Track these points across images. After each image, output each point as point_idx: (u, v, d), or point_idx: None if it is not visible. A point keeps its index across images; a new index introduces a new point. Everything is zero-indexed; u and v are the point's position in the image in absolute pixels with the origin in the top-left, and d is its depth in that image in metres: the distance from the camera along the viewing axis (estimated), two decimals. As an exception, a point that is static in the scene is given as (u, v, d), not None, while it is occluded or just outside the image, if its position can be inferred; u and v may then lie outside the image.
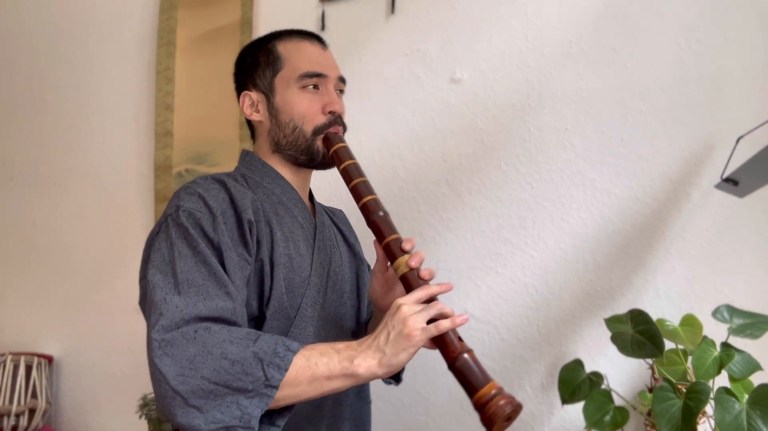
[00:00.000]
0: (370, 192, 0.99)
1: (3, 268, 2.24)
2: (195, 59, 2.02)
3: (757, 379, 1.14)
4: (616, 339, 1.23)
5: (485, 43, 1.68)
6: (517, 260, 1.61)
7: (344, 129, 1.09)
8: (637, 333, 1.20)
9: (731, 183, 1.18)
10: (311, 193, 1.16)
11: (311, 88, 1.06)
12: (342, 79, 1.11)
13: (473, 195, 1.66)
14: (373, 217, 0.97)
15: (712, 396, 1.08)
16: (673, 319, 1.28)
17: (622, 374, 1.47)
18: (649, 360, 1.34)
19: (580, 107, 1.58)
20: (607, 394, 1.30)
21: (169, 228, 0.90)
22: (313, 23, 1.86)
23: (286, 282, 0.97)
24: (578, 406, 1.33)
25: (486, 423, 0.80)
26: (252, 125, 1.12)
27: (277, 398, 0.81)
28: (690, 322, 1.25)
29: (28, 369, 1.99)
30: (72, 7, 2.23)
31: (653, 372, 1.35)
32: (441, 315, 0.85)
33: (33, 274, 2.18)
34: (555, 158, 1.59)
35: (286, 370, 0.81)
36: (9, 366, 1.97)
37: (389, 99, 1.76)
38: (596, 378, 1.35)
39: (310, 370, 0.82)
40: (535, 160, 1.61)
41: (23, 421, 1.93)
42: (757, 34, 1.45)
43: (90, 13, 2.21)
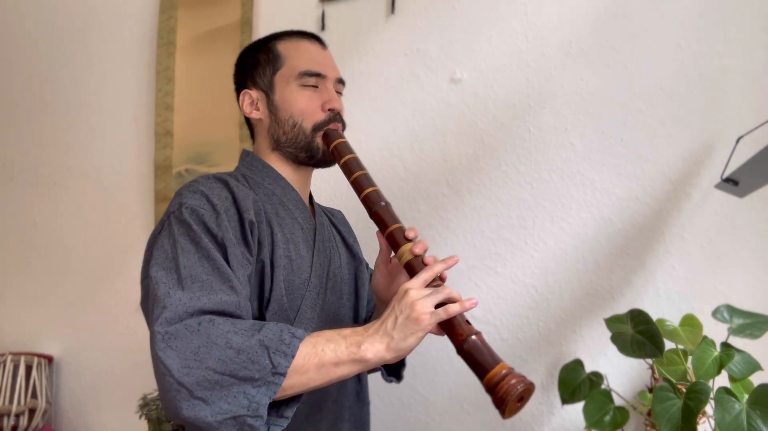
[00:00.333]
0: (371, 184, 0.99)
1: (3, 268, 2.24)
2: (195, 59, 2.02)
3: (757, 379, 1.14)
4: (616, 339, 1.23)
5: (485, 43, 1.68)
6: (517, 260, 1.61)
7: (343, 126, 1.09)
8: (637, 333, 1.20)
9: (731, 183, 1.18)
10: (311, 194, 1.16)
11: (310, 86, 1.06)
12: (341, 81, 1.11)
13: (473, 195, 1.66)
14: (375, 208, 0.96)
15: (712, 396, 1.08)
16: (673, 319, 1.28)
17: (622, 374, 1.47)
18: (649, 360, 1.34)
19: (580, 107, 1.58)
20: (607, 394, 1.30)
21: (171, 226, 0.90)
22: (313, 23, 1.86)
23: (286, 284, 0.97)
24: (578, 406, 1.33)
25: (498, 404, 0.78)
26: (251, 124, 1.12)
27: (284, 386, 0.80)
28: (690, 322, 1.25)
29: (28, 369, 1.99)
30: (72, 7, 2.23)
31: (653, 372, 1.35)
32: (449, 300, 0.84)
33: (33, 274, 2.18)
34: (555, 158, 1.59)
35: (293, 357, 0.79)
36: (9, 366, 1.97)
37: (389, 99, 1.76)
38: (596, 378, 1.35)
39: (318, 357, 0.81)
40: (535, 160, 1.61)
41: (23, 421, 1.93)
42: (758, 34, 1.45)
43: (90, 13, 2.21)
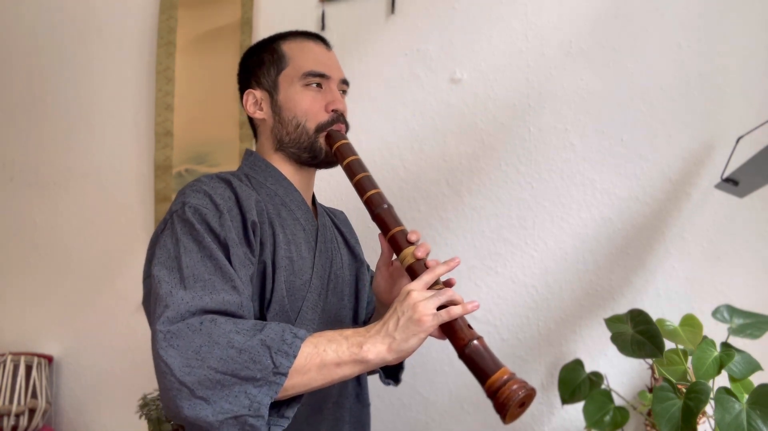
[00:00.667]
0: (374, 186, 0.99)
1: (3, 268, 2.24)
2: (195, 59, 2.02)
3: (757, 379, 1.14)
4: (616, 339, 1.23)
5: (485, 43, 1.68)
6: (517, 260, 1.61)
7: (347, 127, 1.09)
8: (637, 333, 1.20)
9: (731, 183, 1.18)
10: (314, 195, 1.16)
11: (314, 86, 1.06)
12: (345, 81, 1.11)
13: (473, 195, 1.66)
14: (377, 210, 0.96)
15: (712, 396, 1.08)
16: (673, 319, 1.28)
17: (622, 374, 1.47)
18: (649, 360, 1.34)
19: (580, 107, 1.58)
20: (607, 394, 1.30)
21: (174, 225, 0.90)
22: (313, 23, 1.86)
23: (287, 285, 0.97)
24: (578, 406, 1.33)
25: (499, 409, 0.77)
26: (255, 124, 1.12)
27: (286, 386, 0.79)
28: (690, 322, 1.25)
29: (28, 369, 1.99)
30: (72, 7, 2.23)
31: (653, 372, 1.35)
32: (451, 302, 0.84)
33: (33, 274, 2.18)
34: (555, 158, 1.59)
35: (294, 357, 0.79)
36: (9, 366, 1.97)
37: (389, 99, 1.76)
38: (596, 378, 1.35)
39: (319, 357, 0.81)
40: (535, 160, 1.61)
41: (23, 421, 1.93)
42: (757, 34, 1.45)
43: (90, 13, 2.21)
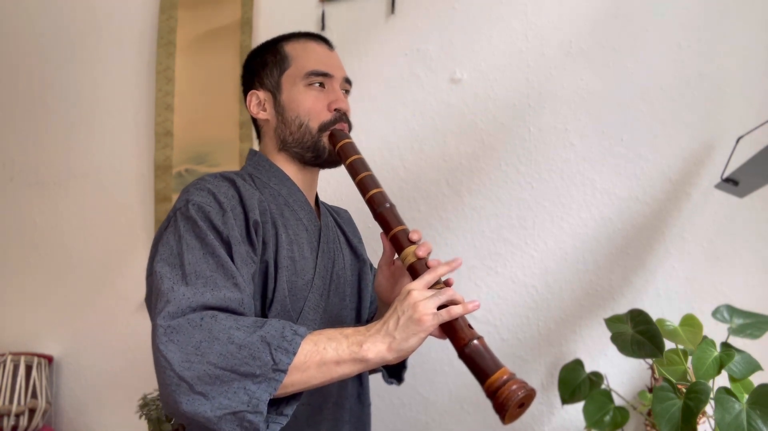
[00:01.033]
0: (376, 185, 0.99)
1: (3, 268, 2.24)
2: (195, 59, 2.02)
3: (757, 379, 1.14)
4: (616, 339, 1.23)
5: (485, 43, 1.68)
6: (517, 260, 1.61)
7: (350, 127, 1.09)
8: (637, 333, 1.20)
9: (731, 183, 1.18)
10: (317, 195, 1.16)
11: (317, 86, 1.06)
12: (348, 80, 1.12)
13: (473, 195, 1.66)
14: (379, 209, 0.96)
15: (712, 396, 1.08)
16: (673, 319, 1.28)
17: (622, 374, 1.47)
18: (649, 360, 1.34)
19: (580, 107, 1.58)
20: (607, 394, 1.30)
21: (177, 222, 0.90)
22: (313, 23, 1.86)
23: (289, 285, 0.97)
24: (578, 406, 1.33)
25: (498, 409, 0.77)
26: (258, 124, 1.12)
27: (285, 383, 0.79)
28: (690, 322, 1.25)
29: (28, 369, 1.99)
30: (72, 7, 2.23)
31: (653, 372, 1.35)
32: (452, 302, 0.84)
33: (33, 274, 2.18)
34: (555, 158, 1.59)
35: (294, 354, 0.79)
36: (9, 366, 1.97)
37: (389, 99, 1.76)
38: (596, 378, 1.35)
39: (319, 355, 0.81)
40: (535, 160, 1.61)
41: (23, 421, 1.93)
42: (757, 33, 1.45)
43: (90, 13, 2.21)
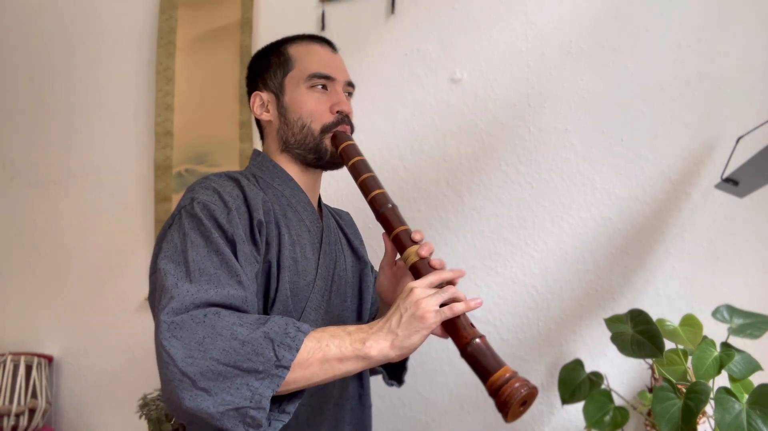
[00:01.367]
0: (379, 186, 0.99)
1: (3, 268, 2.24)
2: (195, 59, 2.02)
3: (757, 379, 1.14)
4: (616, 339, 1.23)
5: (485, 43, 1.68)
6: (517, 260, 1.61)
7: (352, 129, 1.09)
8: (637, 333, 1.20)
9: (731, 183, 1.18)
10: (320, 196, 1.16)
11: (320, 88, 1.07)
12: (350, 83, 1.12)
13: (473, 195, 1.66)
14: (381, 210, 0.97)
15: (712, 396, 1.08)
16: (673, 319, 1.28)
17: (622, 374, 1.47)
18: (649, 360, 1.34)
19: (580, 107, 1.58)
20: (607, 394, 1.30)
21: (182, 219, 0.90)
22: (313, 23, 1.86)
23: (291, 286, 0.97)
24: (578, 406, 1.33)
25: (501, 407, 0.78)
26: (261, 125, 1.13)
27: (288, 380, 0.79)
28: (690, 322, 1.25)
29: (28, 369, 1.99)
30: (72, 7, 2.23)
31: (653, 372, 1.35)
32: (454, 299, 0.85)
33: (33, 274, 2.18)
34: (555, 158, 1.59)
35: (297, 350, 0.79)
36: (9, 366, 1.97)
37: (389, 99, 1.76)
38: (596, 378, 1.35)
39: (322, 351, 0.81)
40: (535, 160, 1.61)
41: (23, 421, 1.93)
42: (757, 34, 1.45)
43: (90, 13, 2.21)
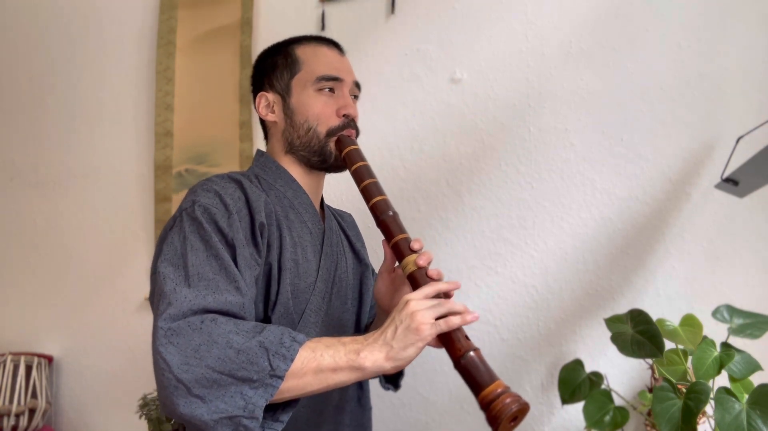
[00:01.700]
0: (380, 192, 0.99)
1: (3, 268, 2.24)
2: (195, 59, 2.02)
3: (757, 379, 1.14)
4: (616, 339, 1.23)
5: (485, 43, 1.68)
6: (517, 260, 1.61)
7: (357, 133, 1.09)
8: (637, 333, 1.20)
9: (731, 183, 1.18)
10: (322, 198, 1.16)
11: (327, 91, 1.06)
12: (357, 85, 1.12)
13: (473, 195, 1.66)
14: (382, 217, 0.97)
15: (712, 396, 1.08)
16: (673, 319, 1.28)
17: (622, 374, 1.47)
18: (649, 360, 1.34)
19: (580, 107, 1.58)
20: (607, 394, 1.30)
21: (183, 222, 0.91)
22: (313, 23, 1.86)
23: (292, 288, 0.97)
24: (578, 406, 1.33)
25: (491, 422, 0.78)
26: (266, 126, 1.13)
27: (281, 389, 0.80)
28: (690, 322, 1.25)
29: (28, 369, 1.99)
30: (72, 7, 2.23)
31: (653, 372, 1.35)
32: (450, 312, 0.85)
33: (33, 274, 2.18)
34: (555, 158, 1.59)
35: (291, 360, 0.80)
36: (9, 366, 1.97)
37: (389, 99, 1.76)
38: (596, 378, 1.35)
39: (316, 361, 0.81)
40: (535, 160, 1.61)
41: (23, 421, 1.93)
42: (757, 34, 1.45)
43: (90, 13, 2.21)
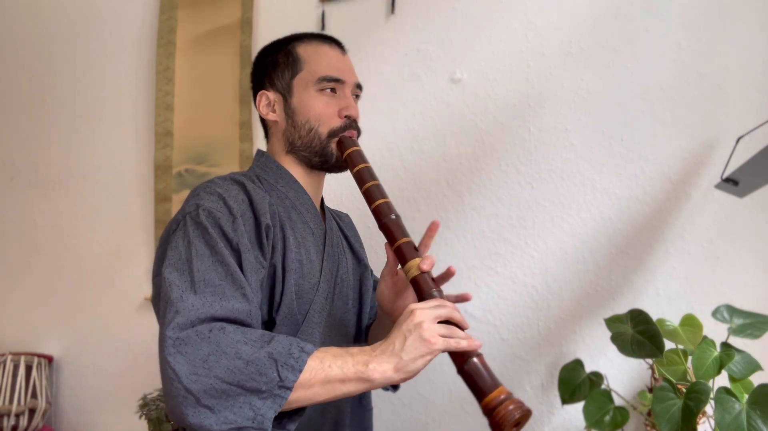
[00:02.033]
0: (383, 195, 0.99)
1: (3, 268, 2.24)
2: (195, 59, 2.02)
3: (757, 379, 1.14)
4: (616, 339, 1.23)
5: (485, 43, 1.68)
6: (517, 260, 1.61)
7: (359, 133, 1.09)
8: (637, 333, 1.20)
9: (731, 183, 1.18)
10: (322, 198, 1.16)
11: (328, 91, 1.06)
12: (359, 86, 1.11)
13: (473, 195, 1.66)
14: (384, 220, 0.96)
15: (712, 396, 1.08)
16: (673, 319, 1.28)
17: (622, 374, 1.47)
18: (649, 360, 1.34)
19: (580, 107, 1.58)
20: (607, 394, 1.30)
21: (187, 227, 0.89)
22: (313, 23, 1.86)
23: (296, 288, 0.97)
24: (578, 406, 1.33)
25: (494, 428, 0.79)
26: (267, 125, 1.12)
27: (290, 400, 0.80)
28: (690, 322, 1.25)
29: (28, 369, 1.99)
30: (72, 7, 2.23)
31: (653, 372, 1.35)
32: (452, 319, 0.85)
33: (33, 274, 2.18)
34: (555, 158, 1.59)
35: (300, 371, 0.80)
36: (9, 366, 1.97)
37: (389, 99, 1.76)
38: (596, 378, 1.35)
39: (324, 372, 0.81)
40: (535, 160, 1.61)
41: (23, 421, 1.93)
42: (757, 34, 1.45)
43: (90, 14, 2.21)
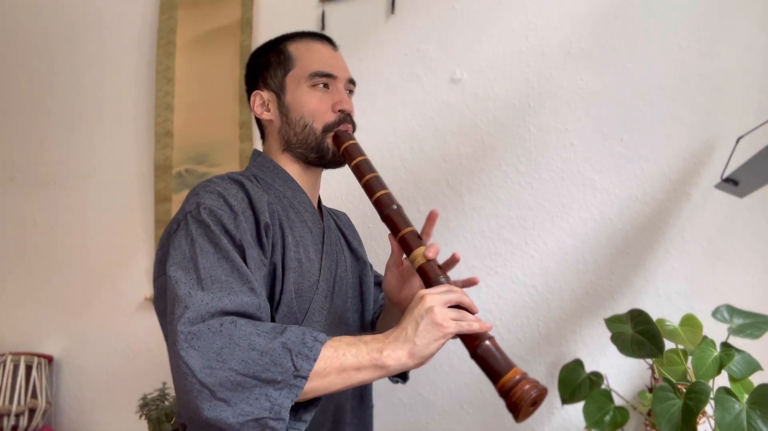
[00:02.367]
0: (383, 187, 0.99)
1: (3, 268, 2.24)
2: (195, 59, 2.02)
3: (757, 379, 1.14)
4: (616, 339, 1.23)
5: (485, 43, 1.68)
6: (517, 260, 1.61)
7: (354, 127, 1.09)
8: (637, 333, 1.20)
9: (731, 183, 1.18)
10: (319, 197, 1.16)
11: (321, 86, 1.06)
12: (352, 81, 1.12)
13: (473, 195, 1.66)
14: (386, 211, 0.96)
15: (712, 396, 1.08)
16: (673, 319, 1.28)
17: (622, 374, 1.47)
18: (649, 360, 1.34)
19: (580, 107, 1.58)
20: (607, 394, 1.30)
21: (189, 225, 0.89)
22: (313, 23, 1.86)
23: (296, 287, 0.97)
24: (578, 406, 1.33)
25: (512, 408, 0.80)
26: (262, 124, 1.12)
27: (305, 390, 0.79)
28: (690, 322, 1.25)
29: (28, 369, 1.99)
30: (72, 7, 2.23)
31: (653, 372, 1.35)
32: (462, 303, 0.85)
33: (33, 274, 2.18)
34: (555, 158, 1.59)
35: (315, 360, 0.79)
36: (9, 366, 1.97)
37: (389, 99, 1.76)
38: (596, 378, 1.35)
39: (339, 361, 0.81)
40: (535, 160, 1.61)
41: (23, 421, 1.93)
42: (757, 34, 1.45)
43: (90, 14, 2.21)
